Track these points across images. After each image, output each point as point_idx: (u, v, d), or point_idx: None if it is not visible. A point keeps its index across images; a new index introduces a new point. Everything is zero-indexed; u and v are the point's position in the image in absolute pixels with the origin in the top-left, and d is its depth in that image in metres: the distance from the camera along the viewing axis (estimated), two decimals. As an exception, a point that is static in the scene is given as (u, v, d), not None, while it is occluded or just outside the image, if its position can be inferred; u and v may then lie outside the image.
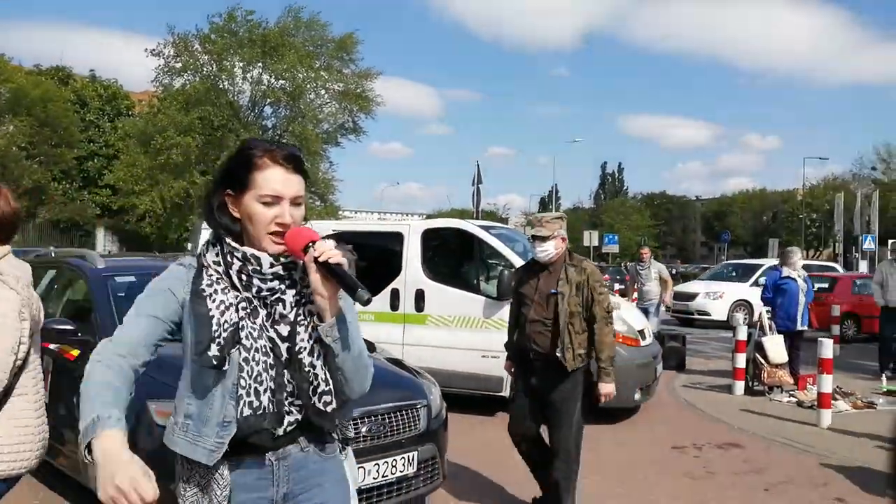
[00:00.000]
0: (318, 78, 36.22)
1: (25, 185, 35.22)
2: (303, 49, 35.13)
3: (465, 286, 7.31)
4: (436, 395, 4.46)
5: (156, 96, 36.28)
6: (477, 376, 6.88)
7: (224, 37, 34.04)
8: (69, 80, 44.52)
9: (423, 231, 7.48)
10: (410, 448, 4.01)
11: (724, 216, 75.24)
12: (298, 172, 1.69)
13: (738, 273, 18.80)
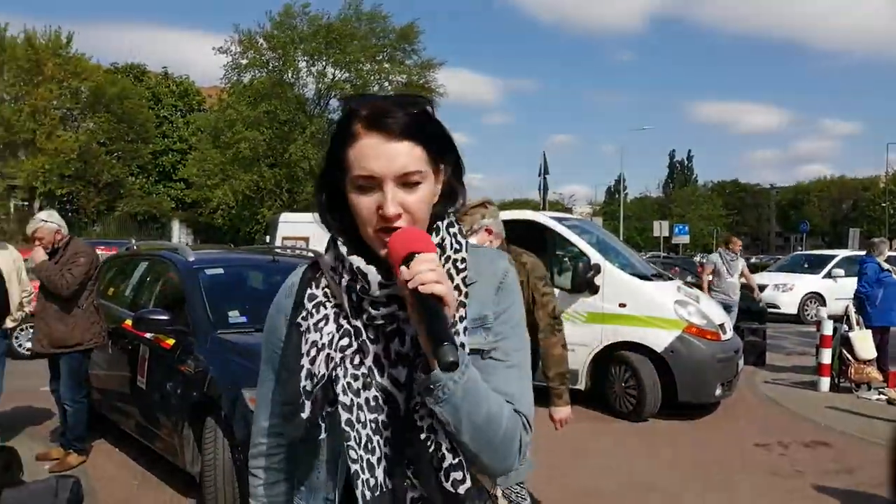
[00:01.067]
0: (381, 70, 36.55)
1: (105, 179, 36.88)
2: (366, 40, 35.49)
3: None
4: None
5: (225, 91, 37.30)
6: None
7: (286, 31, 34.69)
8: (144, 78, 46.24)
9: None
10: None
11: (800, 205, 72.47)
12: (409, 137, 1.12)
13: (810, 264, 18.02)
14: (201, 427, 3.99)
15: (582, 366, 6.74)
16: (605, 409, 6.82)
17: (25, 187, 34.88)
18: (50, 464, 4.88)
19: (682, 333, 6.52)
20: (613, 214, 51.78)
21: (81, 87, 35.93)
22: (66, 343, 4.90)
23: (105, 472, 4.88)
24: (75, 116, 37.06)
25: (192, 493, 4.32)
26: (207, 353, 4.23)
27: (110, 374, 5.39)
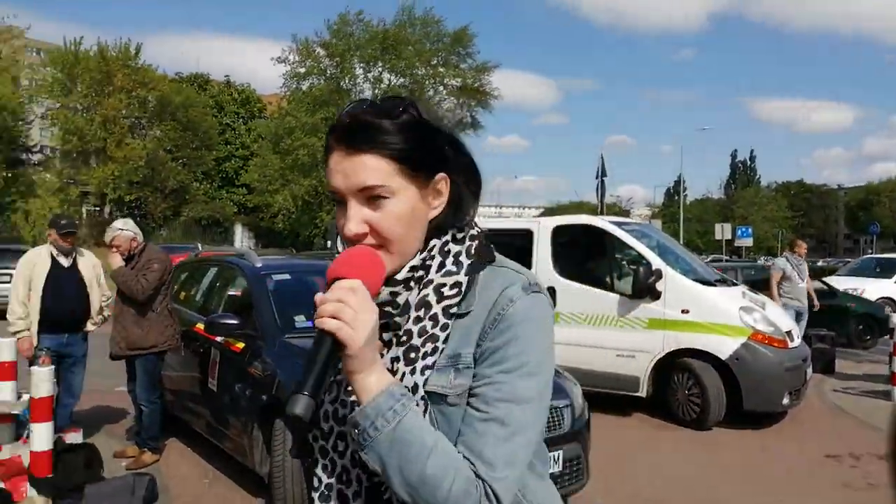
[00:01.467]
0: (436, 74, 36.81)
1: (171, 185, 38.23)
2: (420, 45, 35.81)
3: (597, 283, 7.22)
4: (578, 394, 4.46)
5: (284, 99, 38.19)
6: (612, 375, 6.79)
7: (342, 39, 35.30)
8: (207, 86, 47.73)
9: (554, 228, 7.46)
10: (555, 447, 4.04)
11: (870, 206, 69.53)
12: (373, 149, 1.01)
13: (881, 268, 17.23)
14: (270, 429, 4.12)
15: (643, 373, 6.66)
16: (668, 417, 6.71)
17: (97, 193, 36.47)
18: (126, 461, 5.11)
19: (748, 341, 6.37)
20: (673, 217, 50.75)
21: (149, 97, 37.35)
22: (142, 345, 5.12)
23: (178, 470, 5.08)
24: (143, 125, 38.53)
25: (261, 494, 4.45)
26: (275, 357, 4.36)
27: (182, 375, 5.61)
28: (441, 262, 1.06)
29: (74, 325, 5.35)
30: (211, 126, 42.23)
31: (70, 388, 5.37)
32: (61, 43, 36.82)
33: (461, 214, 1.09)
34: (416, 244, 1.06)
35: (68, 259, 5.40)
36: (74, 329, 5.35)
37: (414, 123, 1.04)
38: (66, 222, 5.49)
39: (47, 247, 5.43)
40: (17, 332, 5.20)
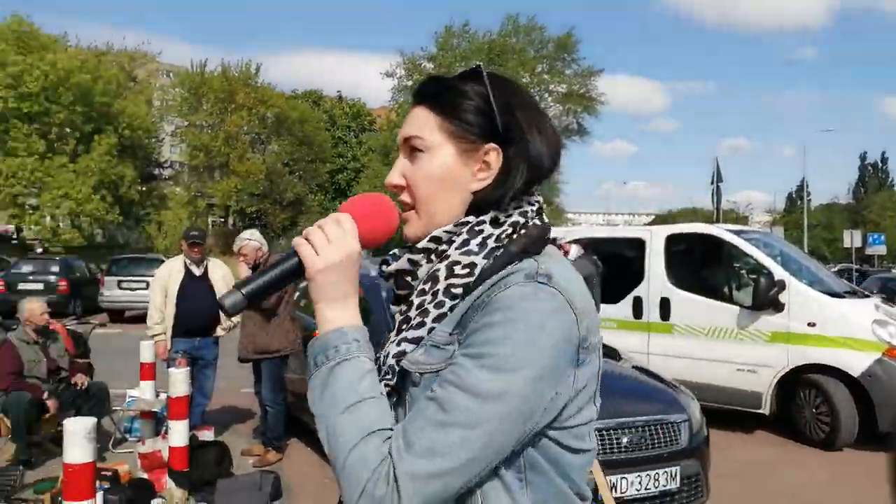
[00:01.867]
0: (540, 81, 36.70)
1: (288, 197, 40.08)
2: (524, 54, 35.83)
3: (715, 294, 6.96)
4: (695, 409, 4.33)
5: (393, 111, 39.23)
6: (732, 390, 6.51)
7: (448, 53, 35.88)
8: (320, 102, 49.75)
9: (667, 236, 7.26)
10: (672, 463, 3.94)
11: None
12: (424, 102, 1.03)
13: None
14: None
15: (766, 388, 6.34)
16: (794, 436, 6.35)
17: (221, 205, 38.80)
18: (253, 459, 5.42)
19: (883, 357, 5.93)
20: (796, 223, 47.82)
21: (267, 114, 39.38)
22: (267, 349, 5.43)
23: (300, 469, 5.33)
24: (262, 140, 40.65)
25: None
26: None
27: (303, 378, 5.89)
28: (465, 240, 0.97)
29: (205, 329, 5.75)
30: (324, 140, 43.99)
31: (202, 389, 5.77)
32: (189, 65, 39.61)
33: (506, 196, 0.98)
34: (448, 212, 1.00)
35: (200, 268, 5.82)
36: (206, 333, 5.75)
37: (465, 82, 1.01)
38: (196, 233, 5.92)
39: (181, 257, 5.87)
40: (155, 336, 5.65)
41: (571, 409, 0.93)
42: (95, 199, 29.36)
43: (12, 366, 5.21)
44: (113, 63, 35.60)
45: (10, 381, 5.15)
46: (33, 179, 28.82)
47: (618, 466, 3.75)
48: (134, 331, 11.51)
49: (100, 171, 29.67)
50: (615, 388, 3.70)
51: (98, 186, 29.60)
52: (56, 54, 29.23)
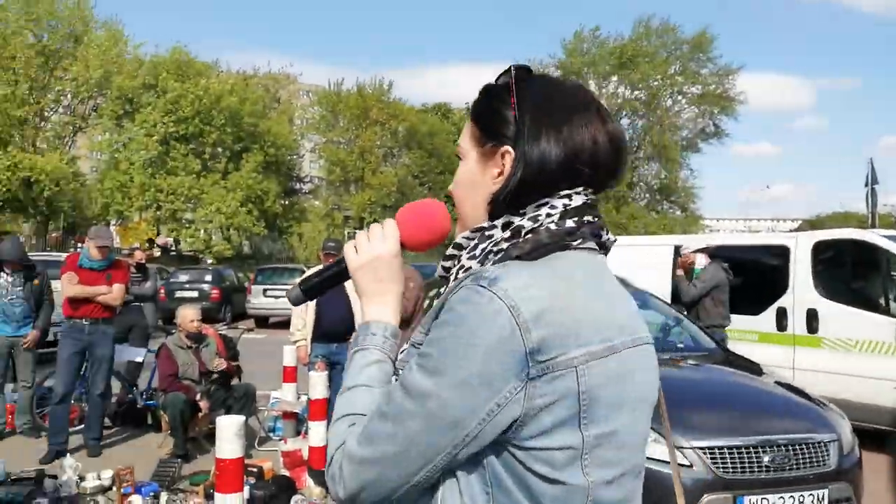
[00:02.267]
0: (673, 84, 35.41)
1: (418, 208, 41.19)
2: (656, 56, 34.74)
3: (869, 305, 6.41)
4: (846, 429, 4.02)
5: (521, 121, 39.32)
6: (889, 410, 5.96)
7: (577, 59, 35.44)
8: (449, 114, 50.78)
9: (814, 244, 6.77)
10: (819, 485, 3.68)
11: None
12: (470, 113, 1.08)
13: None
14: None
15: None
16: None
17: (356, 217, 40.52)
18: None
19: None
20: (968, 227, 42.98)
21: (399, 128, 40.75)
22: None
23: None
24: (394, 154, 42.07)
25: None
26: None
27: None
28: (475, 245, 0.98)
29: (342, 335, 6.03)
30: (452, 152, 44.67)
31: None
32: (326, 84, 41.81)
33: (514, 199, 0.96)
34: (475, 216, 1.02)
35: (336, 277, 6.14)
36: (342, 339, 6.03)
37: (493, 86, 1.03)
38: (332, 244, 6.26)
39: (320, 267, 6.22)
40: (296, 341, 6.01)
41: (532, 428, 0.86)
42: (243, 212, 31.68)
43: (169, 368, 5.73)
44: (259, 86, 38.31)
45: (168, 383, 5.67)
46: (190, 196, 31.54)
47: (758, 487, 3.56)
48: (277, 336, 12.24)
49: (247, 187, 32.03)
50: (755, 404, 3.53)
51: (245, 201, 31.91)
52: (209, 80, 31.90)
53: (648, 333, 1.04)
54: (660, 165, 36.99)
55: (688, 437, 3.57)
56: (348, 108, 39.07)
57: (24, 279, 6.07)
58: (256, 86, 37.91)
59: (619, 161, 1.01)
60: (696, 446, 3.55)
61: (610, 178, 1.01)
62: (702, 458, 3.52)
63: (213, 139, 31.97)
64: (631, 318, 0.99)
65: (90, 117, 33.73)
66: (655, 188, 37.84)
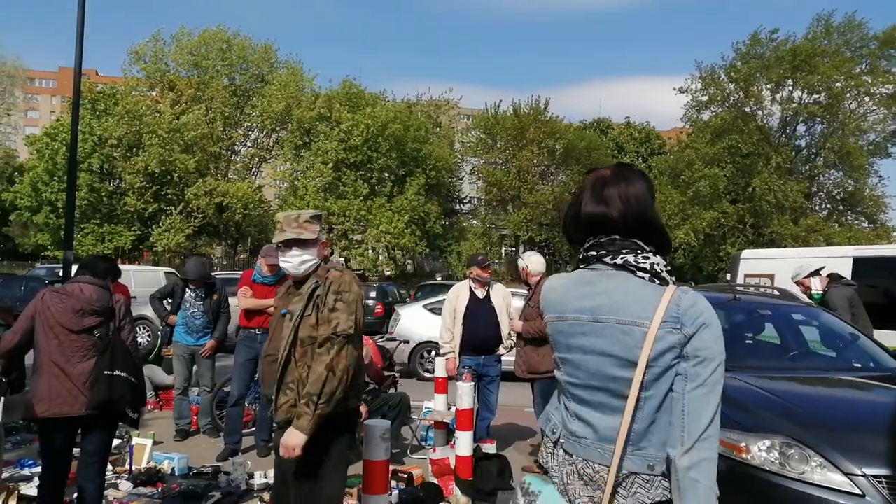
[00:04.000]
0: (859, 84, 32.19)
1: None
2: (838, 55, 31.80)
3: None
4: None
5: (683, 132, 37.60)
6: None
7: (749, 62, 33.32)
8: (608, 130, 49.75)
9: None
10: None
11: None
12: None
13: None
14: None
15: None
16: None
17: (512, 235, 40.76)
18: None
19: None
20: None
21: (556, 146, 40.56)
22: (538, 369, 5.61)
23: (577, 490, 5.35)
24: (551, 171, 41.89)
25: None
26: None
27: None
28: None
29: (489, 348, 6.12)
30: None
31: (487, 404, 6.13)
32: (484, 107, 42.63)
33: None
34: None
35: (483, 291, 6.23)
36: (489, 351, 6.12)
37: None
38: (482, 258, 6.37)
39: (467, 282, 6.34)
40: (445, 353, 6.17)
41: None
42: (408, 233, 33.04)
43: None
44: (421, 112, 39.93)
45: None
46: (359, 217, 33.47)
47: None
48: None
49: (411, 209, 33.39)
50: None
51: (409, 222, 33.30)
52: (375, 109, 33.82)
53: (623, 316, 1.72)
54: (843, 174, 33.69)
55: (857, 463, 3.23)
56: (505, 129, 39.53)
57: (204, 294, 6.76)
58: (419, 112, 39.52)
59: (589, 231, 1.86)
60: (869, 474, 3.20)
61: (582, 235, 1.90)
62: (875, 486, 3.16)
63: (379, 165, 33.75)
64: (598, 306, 1.77)
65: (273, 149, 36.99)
66: (838, 198, 34.49)
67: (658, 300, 1.69)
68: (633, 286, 1.74)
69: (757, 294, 6.17)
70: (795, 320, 5.35)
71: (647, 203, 1.81)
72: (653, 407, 1.68)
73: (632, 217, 1.78)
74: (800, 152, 35.16)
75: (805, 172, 34.57)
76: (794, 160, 34.33)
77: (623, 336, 1.70)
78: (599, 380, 1.74)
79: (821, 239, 29.56)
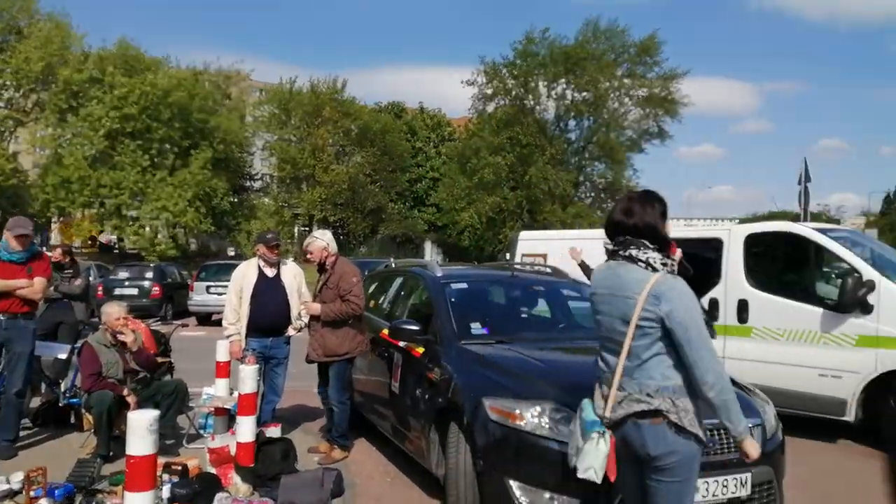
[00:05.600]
0: (620, 86, 35.99)
1: (369, 206, 40.90)
2: (603, 59, 35.25)
3: (798, 296, 6.56)
4: (770, 414, 4.09)
5: (471, 121, 39.46)
6: (813, 397, 6.13)
7: (528, 60, 35.71)
8: (402, 114, 50.56)
9: (747, 236, 6.92)
10: (743, 469, 3.72)
11: None
12: None
13: None
14: (445, 432, 4.23)
15: (851, 395, 5.93)
16: (880, 446, 5.92)
17: (306, 215, 40.01)
18: (318, 456, 5.51)
19: None
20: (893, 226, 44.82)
21: (352, 126, 40.41)
22: (336, 352, 5.50)
23: (363, 468, 5.38)
24: (346, 151, 41.70)
25: (439, 495, 4.55)
26: (452, 362, 4.48)
27: (370, 378, 5.96)
28: None
29: (277, 329, 5.91)
30: (405, 150, 44.68)
31: (273, 387, 5.92)
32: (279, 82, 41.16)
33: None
34: None
35: (273, 270, 5.98)
36: (278, 333, 5.91)
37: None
38: (272, 236, 6.10)
39: (255, 260, 6.05)
40: (229, 335, 5.85)
41: None
42: (191, 210, 30.90)
43: (92, 367, 5.47)
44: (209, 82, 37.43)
45: (91, 382, 5.42)
46: (135, 191, 30.62)
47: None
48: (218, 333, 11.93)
49: (195, 184, 31.23)
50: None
51: (193, 198, 31.14)
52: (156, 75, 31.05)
53: (625, 292, 2.61)
54: (606, 166, 37.58)
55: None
56: (300, 105, 38.58)
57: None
58: (206, 82, 37.01)
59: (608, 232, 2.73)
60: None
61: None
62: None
63: (160, 135, 31.13)
64: (612, 284, 2.67)
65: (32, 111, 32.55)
66: (601, 188, 38.44)
67: (647, 282, 2.53)
68: (634, 271, 2.59)
69: (532, 272, 6.61)
70: (565, 295, 5.81)
71: (656, 217, 2.65)
72: (639, 352, 2.55)
73: (643, 225, 2.63)
74: (570, 145, 38.50)
75: (574, 164, 37.96)
76: (565, 152, 37.50)
77: (624, 305, 2.58)
78: (611, 333, 2.66)
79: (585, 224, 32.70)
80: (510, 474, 3.67)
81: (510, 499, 3.64)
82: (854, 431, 6.19)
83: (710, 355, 2.49)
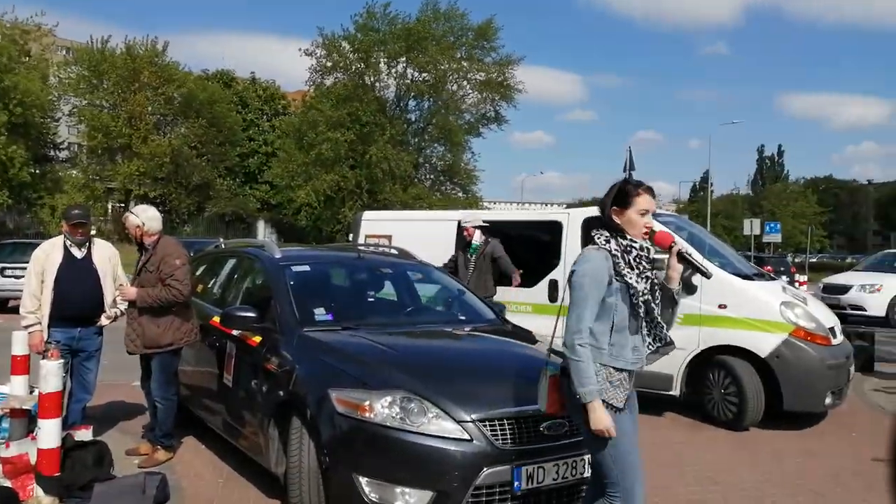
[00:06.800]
0: (459, 69, 36.58)
1: (195, 181, 38.43)
2: (443, 40, 35.61)
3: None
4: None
5: (309, 95, 38.22)
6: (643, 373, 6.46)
7: (368, 35, 35.21)
8: (232, 83, 47.94)
9: (584, 219, 7.16)
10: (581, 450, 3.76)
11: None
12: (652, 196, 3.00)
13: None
14: (287, 427, 3.91)
15: (677, 370, 6.36)
16: (702, 417, 6.42)
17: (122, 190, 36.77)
18: (139, 459, 4.93)
19: (789, 337, 6.04)
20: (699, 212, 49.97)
21: (174, 94, 37.54)
22: (159, 343, 4.91)
23: (192, 468, 4.89)
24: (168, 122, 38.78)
25: (277, 495, 4.25)
26: (293, 352, 4.15)
27: (198, 370, 5.43)
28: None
29: (87, 318, 5.19)
30: (235, 122, 42.41)
31: (83, 384, 5.22)
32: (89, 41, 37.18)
33: None
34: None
35: (82, 250, 5.23)
36: (87, 322, 5.19)
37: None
38: (78, 212, 5.31)
39: (60, 238, 5.26)
40: (29, 326, 5.06)
41: None
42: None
43: None
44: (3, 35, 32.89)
45: None
46: None
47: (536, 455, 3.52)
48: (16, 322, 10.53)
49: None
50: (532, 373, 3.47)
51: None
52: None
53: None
54: (445, 148, 38.14)
55: (467, 410, 3.45)
56: (115, 68, 35.18)
57: None
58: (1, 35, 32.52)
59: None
60: (475, 419, 3.44)
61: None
62: (482, 430, 3.41)
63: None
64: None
65: None
66: (440, 170, 39.00)
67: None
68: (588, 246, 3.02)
69: (378, 252, 6.38)
70: (411, 278, 5.65)
71: (606, 203, 2.98)
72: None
73: (601, 211, 3.04)
74: (411, 125, 38.65)
75: (415, 145, 38.15)
76: (405, 132, 37.59)
77: None
78: None
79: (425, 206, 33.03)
80: (359, 470, 3.45)
81: (359, 495, 3.43)
82: (679, 405, 6.63)
83: (574, 319, 2.85)
